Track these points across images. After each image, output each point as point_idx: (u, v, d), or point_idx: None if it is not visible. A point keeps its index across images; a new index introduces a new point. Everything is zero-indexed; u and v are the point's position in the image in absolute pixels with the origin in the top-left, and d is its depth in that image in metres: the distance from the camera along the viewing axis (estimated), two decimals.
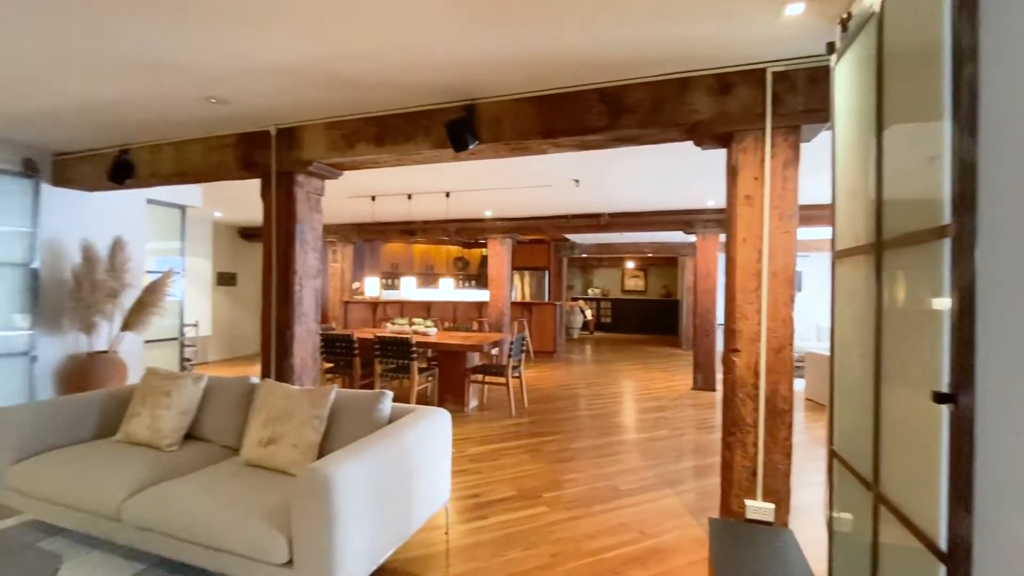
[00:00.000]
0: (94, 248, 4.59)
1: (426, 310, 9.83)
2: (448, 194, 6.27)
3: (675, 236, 9.58)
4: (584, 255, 13.18)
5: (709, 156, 3.58)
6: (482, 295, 10.25)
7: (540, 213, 7.73)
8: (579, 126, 2.88)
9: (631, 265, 15.10)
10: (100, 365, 4.51)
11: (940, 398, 1.10)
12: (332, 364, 5.76)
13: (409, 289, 9.86)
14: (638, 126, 2.77)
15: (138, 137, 4.02)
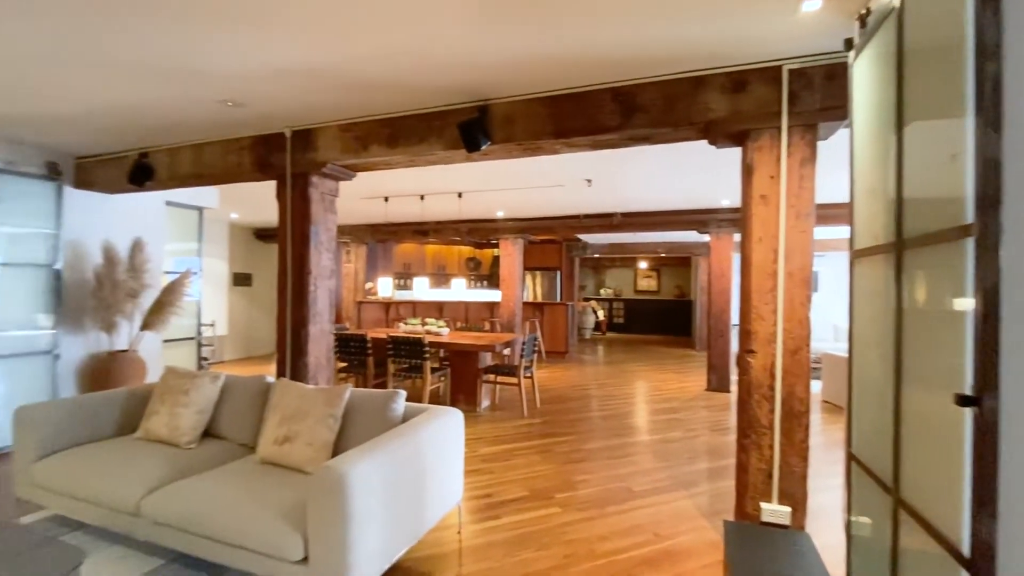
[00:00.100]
0: (115, 249, 4.69)
1: (438, 310, 9.87)
2: (460, 195, 6.29)
3: (688, 236, 9.50)
4: (596, 255, 13.14)
5: (724, 155, 3.54)
6: (494, 295, 10.26)
7: (552, 213, 7.72)
8: (592, 126, 2.88)
9: (644, 265, 15.01)
10: (121, 364, 4.61)
11: (963, 401, 1.09)
12: (346, 364, 5.81)
13: (422, 289, 9.93)
14: (651, 125, 2.76)
15: (157, 140, 4.09)
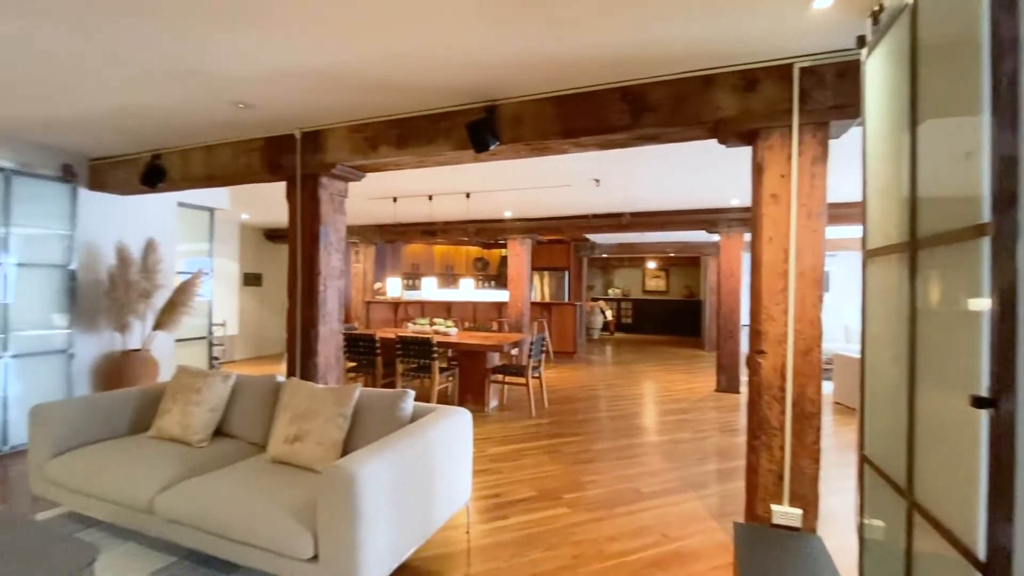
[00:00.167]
0: (128, 250, 4.75)
1: (446, 310, 9.89)
2: (468, 195, 6.30)
3: (698, 236, 9.45)
4: (604, 255, 13.10)
5: (733, 154, 3.52)
6: (502, 295, 10.26)
7: (560, 213, 7.71)
8: (600, 125, 2.87)
9: (652, 265, 14.94)
10: (134, 363, 4.67)
11: (979, 403, 1.07)
12: (355, 363, 5.84)
13: (430, 289, 9.95)
14: (660, 124, 2.74)
15: (169, 142, 4.14)
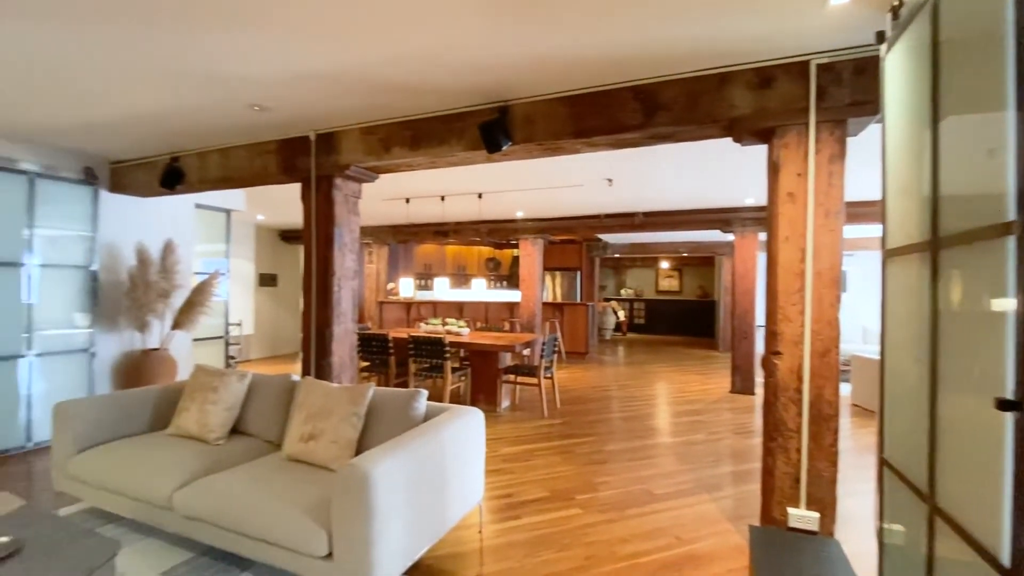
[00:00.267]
0: (147, 251, 4.84)
1: (459, 310, 9.92)
2: (480, 195, 6.32)
3: (712, 235, 9.36)
4: (617, 255, 13.03)
5: (748, 152, 3.48)
6: (514, 296, 10.27)
7: (572, 213, 7.69)
8: (613, 125, 2.86)
9: (665, 265, 14.83)
10: (153, 362, 4.75)
11: (1004, 405, 1.05)
12: (368, 363, 5.88)
13: (442, 290, 9.98)
14: (674, 123, 2.72)
15: (187, 145, 4.21)
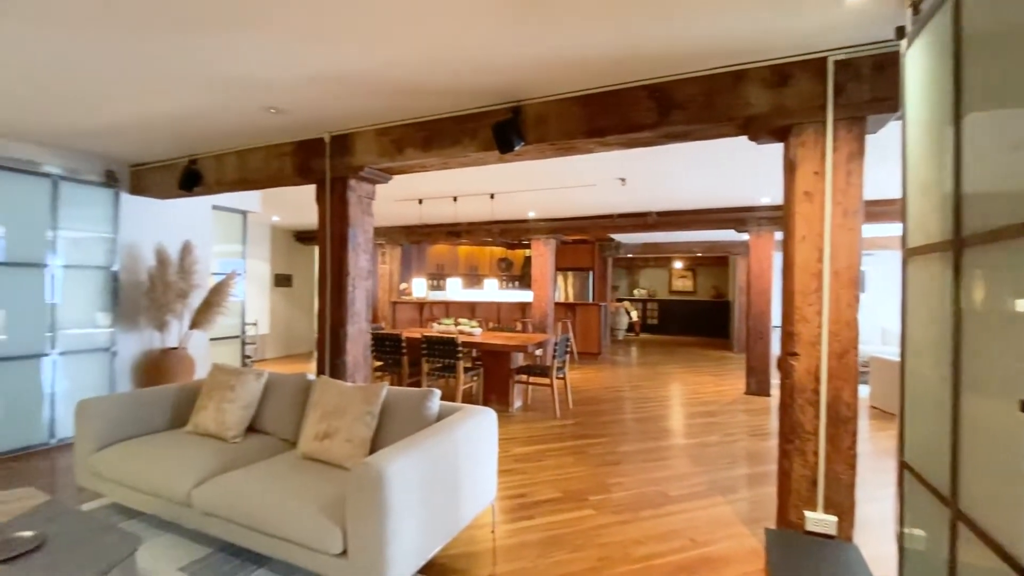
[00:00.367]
0: (166, 252, 4.93)
1: (471, 310, 9.94)
2: (492, 196, 6.32)
3: (726, 235, 9.26)
4: (629, 255, 12.95)
5: (764, 151, 3.44)
6: (526, 296, 10.26)
7: (584, 213, 7.66)
8: (627, 124, 2.84)
9: (679, 265, 14.70)
10: (171, 361, 4.84)
11: None
12: (381, 362, 5.92)
13: (454, 290, 10.02)
14: (689, 122, 2.70)
15: (205, 147, 4.28)
